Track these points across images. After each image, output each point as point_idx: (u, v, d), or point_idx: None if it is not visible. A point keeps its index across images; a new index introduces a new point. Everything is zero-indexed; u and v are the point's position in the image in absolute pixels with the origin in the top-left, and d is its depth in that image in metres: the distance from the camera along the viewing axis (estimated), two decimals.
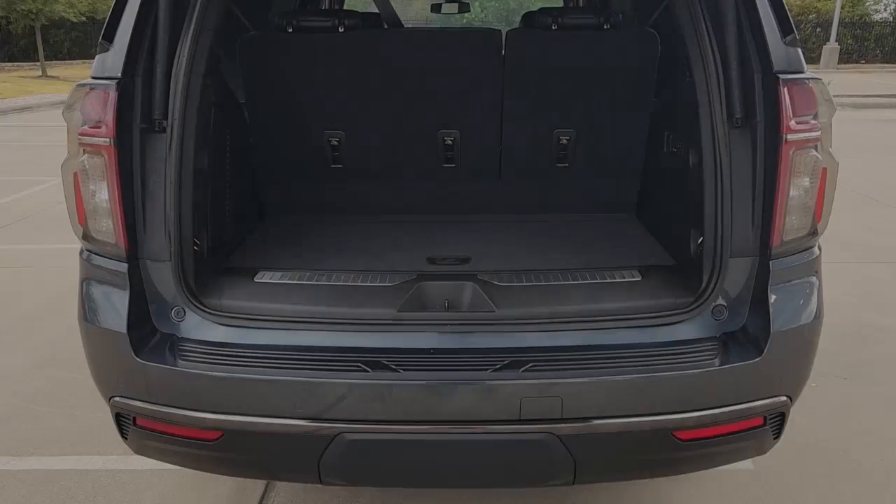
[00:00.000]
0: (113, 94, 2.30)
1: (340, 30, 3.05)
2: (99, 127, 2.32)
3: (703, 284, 2.45)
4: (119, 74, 2.31)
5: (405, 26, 3.65)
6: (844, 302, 5.09)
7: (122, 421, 2.44)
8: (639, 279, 2.63)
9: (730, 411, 2.27)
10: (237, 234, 3.16)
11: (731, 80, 2.32)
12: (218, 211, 2.91)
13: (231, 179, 3.08)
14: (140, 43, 2.36)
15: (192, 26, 2.40)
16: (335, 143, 3.37)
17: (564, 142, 3.38)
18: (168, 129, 2.37)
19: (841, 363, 4.19)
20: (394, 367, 2.23)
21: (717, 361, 2.27)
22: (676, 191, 2.93)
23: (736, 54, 2.28)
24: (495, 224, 3.45)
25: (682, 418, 2.24)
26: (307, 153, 3.43)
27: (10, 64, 30.49)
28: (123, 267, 2.39)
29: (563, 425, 2.19)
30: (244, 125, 3.34)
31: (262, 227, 3.44)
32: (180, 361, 2.30)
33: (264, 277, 2.67)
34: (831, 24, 23.70)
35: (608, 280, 2.63)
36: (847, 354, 4.32)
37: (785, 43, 2.29)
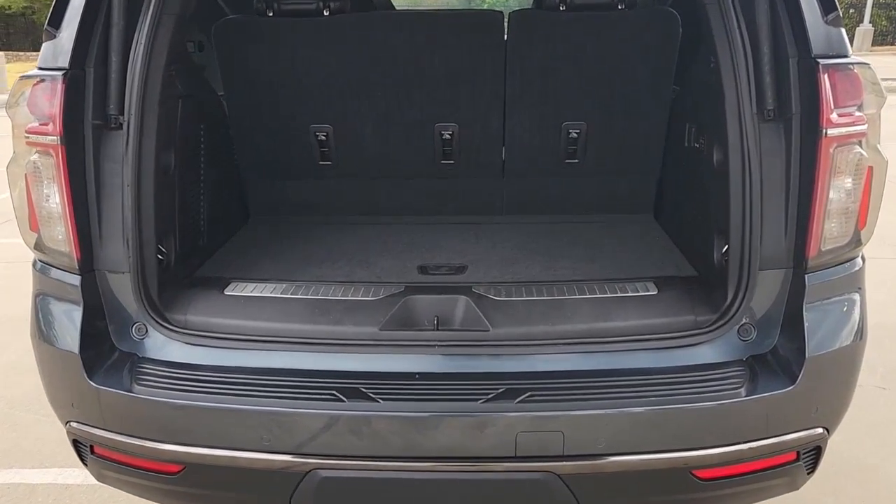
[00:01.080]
0: (60, 87, 2.09)
1: (326, 13, 2.81)
2: (46, 124, 2.13)
3: (728, 300, 2.21)
4: (67, 65, 2.10)
5: (397, 9, 3.37)
6: (881, 302, 4.77)
7: (80, 447, 2.28)
8: (654, 293, 2.37)
9: (758, 447, 2.05)
10: (214, 239, 2.95)
11: (761, 66, 2.11)
12: (189, 214, 2.69)
13: (206, 179, 2.87)
14: (91, 29, 2.15)
15: (151, 9, 2.18)
16: (322, 137, 3.15)
17: (574, 135, 3.12)
18: (125, 126, 2.18)
19: (879, 372, 3.94)
20: (372, 395, 2.02)
21: (743, 390, 2.04)
22: (699, 191, 2.66)
23: (768, 35, 2.08)
24: (496, 227, 3.20)
25: (703, 455, 2.02)
26: (292, 149, 3.21)
27: None
28: (76, 280, 2.21)
29: (566, 463, 1.99)
30: (222, 119, 3.12)
31: (241, 230, 3.22)
32: (137, 386, 2.12)
33: (235, 289, 2.45)
34: (865, 4, 23.06)
35: (619, 294, 2.37)
36: (886, 362, 4.04)
37: (826, 22, 2.03)
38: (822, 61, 1.99)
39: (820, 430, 2.11)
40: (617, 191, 3.28)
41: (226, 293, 2.44)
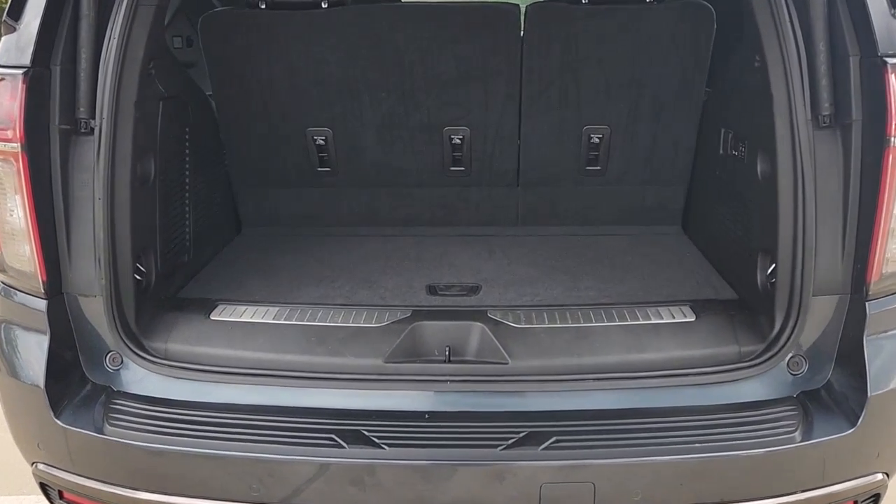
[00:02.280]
0: (21, 88, 1.91)
1: (324, 5, 2.61)
2: (6, 129, 1.95)
3: (777, 328, 2.05)
4: (29, 62, 1.92)
5: (402, 0, 3.15)
6: None
7: (48, 491, 2.10)
8: (692, 319, 2.16)
9: (813, 497, 1.90)
10: (201, 255, 2.74)
11: (816, 66, 1.95)
12: (172, 229, 2.49)
13: (192, 189, 2.66)
14: (57, 21, 1.97)
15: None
16: (321, 142, 2.94)
17: (596, 141, 2.91)
18: (96, 131, 2.01)
19: None
20: (376, 439, 1.82)
21: (798, 434, 1.86)
22: (739, 204, 2.45)
23: (824, 30, 1.92)
24: (511, 240, 3.00)
25: None
26: (287, 155, 3.00)
27: None
28: (42, 304, 2.04)
29: None
30: (211, 122, 2.91)
31: (232, 244, 3.01)
32: (110, 426, 1.96)
33: (223, 313, 2.26)
34: None
35: (653, 321, 2.17)
36: None
37: (894, 15, 1.85)
38: (889, 60, 1.83)
39: (880, 476, 1.96)
40: (642, 201, 3.07)
41: (212, 318, 2.25)
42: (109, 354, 2.07)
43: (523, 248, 2.90)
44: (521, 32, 2.70)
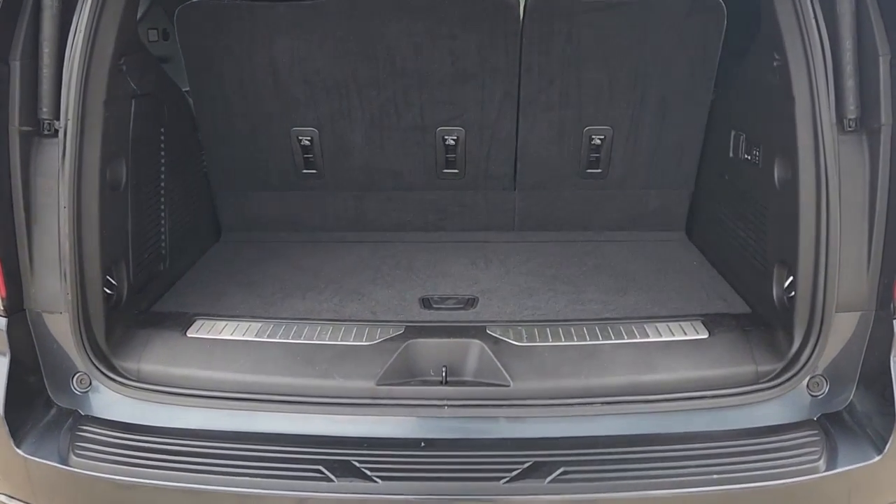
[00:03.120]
0: None
1: None
2: None
3: (796, 346, 1.96)
4: None
5: None
6: None
7: None
8: (705, 336, 2.05)
9: None
10: (178, 263, 2.60)
11: (842, 66, 1.85)
12: (146, 236, 2.35)
13: (168, 193, 2.52)
14: (16, 12, 1.84)
15: None
16: (306, 142, 2.80)
17: (598, 142, 2.79)
18: (61, 132, 1.89)
19: None
20: (367, 471, 1.71)
21: (822, 463, 1.77)
22: (751, 211, 2.34)
23: (851, 27, 1.83)
24: (508, 247, 2.87)
25: None
26: (270, 156, 2.86)
27: None
28: (1, 322, 1.91)
29: None
30: (188, 121, 2.76)
31: (212, 251, 2.86)
32: (75, 456, 1.85)
33: (200, 330, 2.12)
34: None
35: (663, 338, 2.06)
36: None
37: None
38: None
39: None
40: (645, 205, 2.96)
41: (188, 335, 2.11)
42: (77, 376, 1.95)
43: (521, 256, 2.77)
44: (520, 27, 2.57)
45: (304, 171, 2.89)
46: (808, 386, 1.90)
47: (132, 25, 2.16)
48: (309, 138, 2.80)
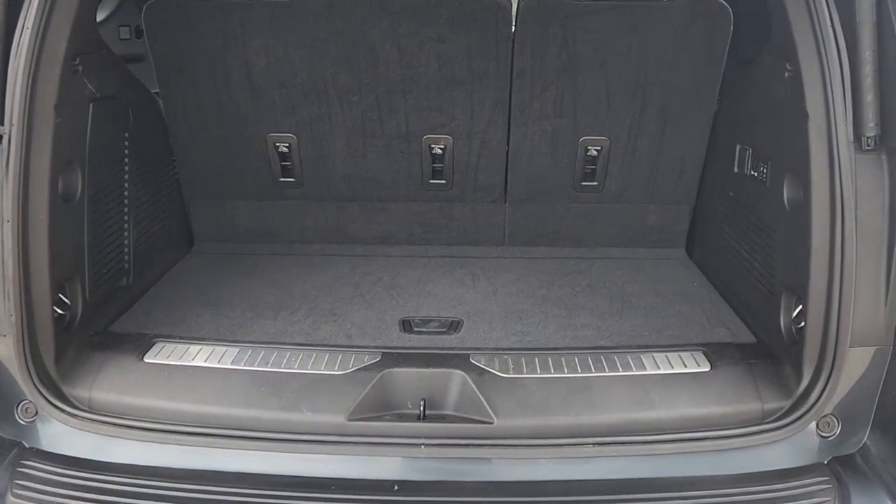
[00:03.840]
0: None
1: None
2: None
3: (805, 383, 1.84)
4: None
5: None
6: None
7: None
8: (707, 369, 1.91)
9: None
10: (143, 277, 2.45)
11: (861, 79, 1.72)
12: (106, 250, 2.21)
13: (133, 202, 2.37)
14: None
15: None
16: (284, 149, 2.65)
17: (594, 153, 2.65)
18: (4, 140, 1.75)
19: None
20: None
21: None
22: (757, 232, 2.20)
23: (872, 37, 1.70)
24: (497, 263, 2.74)
25: None
26: (246, 163, 2.71)
27: None
28: None
29: None
30: (158, 125, 2.61)
31: (183, 262, 2.71)
32: (13, 497, 1.71)
33: (160, 354, 1.98)
34: None
35: (661, 370, 1.92)
36: None
37: None
38: None
39: None
40: (643, 221, 2.82)
41: (146, 360, 1.97)
42: (22, 404, 1.81)
43: (510, 274, 2.63)
44: (513, 30, 2.43)
45: (282, 179, 2.74)
46: (818, 426, 1.78)
47: (90, 23, 2.01)
48: (287, 145, 2.66)
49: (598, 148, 2.65)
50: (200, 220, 2.85)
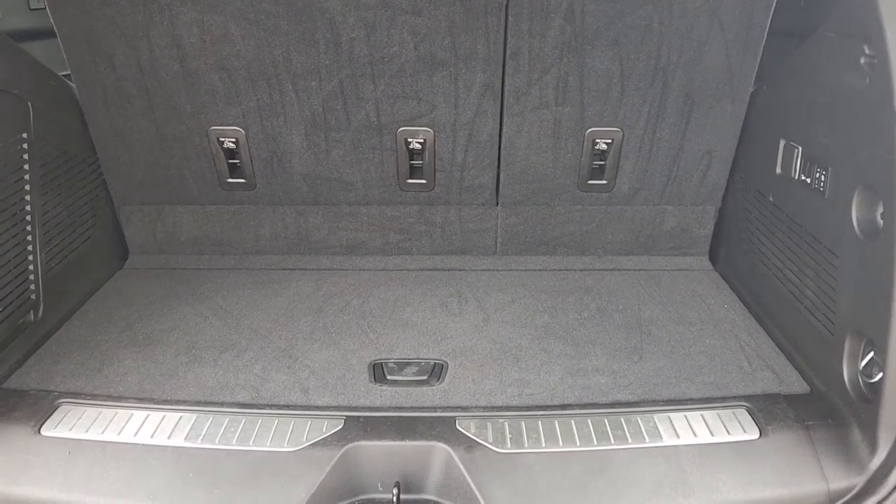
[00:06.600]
0: None
1: None
2: None
3: (883, 455, 1.50)
4: None
5: None
6: None
7: None
8: (755, 437, 1.55)
9: None
10: (60, 306, 2.05)
11: None
12: (1, 283, 1.79)
13: (38, 216, 1.97)
14: None
15: None
16: (230, 144, 2.24)
17: (603, 147, 2.26)
18: None
19: None
20: None
21: None
22: (812, 254, 1.83)
23: None
24: (489, 279, 2.35)
25: None
26: (185, 161, 2.29)
27: None
28: None
29: None
30: (75, 119, 2.19)
31: (111, 284, 2.31)
32: None
33: (63, 422, 1.60)
34: None
35: (698, 439, 1.55)
36: None
37: None
38: None
39: None
40: (660, 225, 2.43)
41: (43, 432, 1.57)
42: None
43: (504, 294, 2.25)
44: (506, 0, 2.01)
45: (230, 180, 2.33)
46: None
47: None
48: (233, 140, 2.24)
49: (609, 141, 2.26)
50: (134, 230, 2.43)
